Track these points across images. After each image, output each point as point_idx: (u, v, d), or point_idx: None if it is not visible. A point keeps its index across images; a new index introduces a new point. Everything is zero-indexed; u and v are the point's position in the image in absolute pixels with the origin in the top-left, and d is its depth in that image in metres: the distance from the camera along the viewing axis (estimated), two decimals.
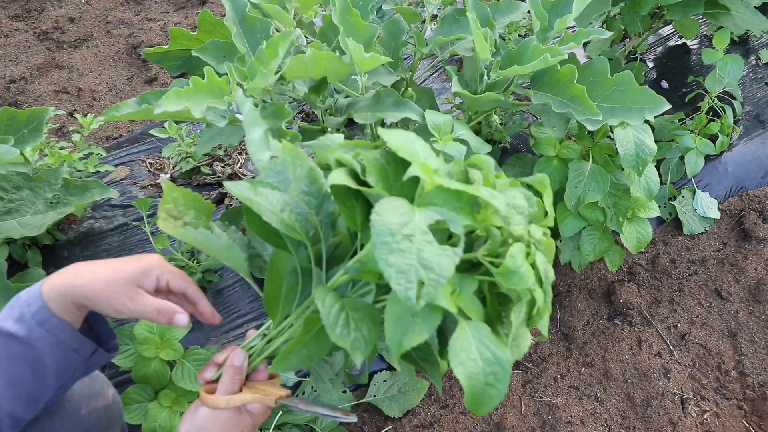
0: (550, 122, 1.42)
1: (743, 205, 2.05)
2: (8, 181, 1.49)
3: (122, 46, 2.57)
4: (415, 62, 1.52)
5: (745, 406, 1.60)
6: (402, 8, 1.51)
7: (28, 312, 0.76)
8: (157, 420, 1.30)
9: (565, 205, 1.49)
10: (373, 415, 1.54)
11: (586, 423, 1.55)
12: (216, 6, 2.76)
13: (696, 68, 2.33)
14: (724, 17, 1.82)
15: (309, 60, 1.08)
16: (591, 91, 1.31)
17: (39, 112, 1.46)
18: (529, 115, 2.10)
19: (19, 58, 2.46)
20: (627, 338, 1.71)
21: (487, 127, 1.85)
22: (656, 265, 1.89)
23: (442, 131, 1.18)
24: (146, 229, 1.56)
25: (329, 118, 1.35)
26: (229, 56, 1.30)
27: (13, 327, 0.75)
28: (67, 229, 1.74)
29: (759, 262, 1.90)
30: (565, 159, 1.51)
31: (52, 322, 0.76)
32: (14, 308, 0.77)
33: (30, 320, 0.76)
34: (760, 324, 1.76)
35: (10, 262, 1.50)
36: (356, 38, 1.23)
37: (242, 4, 1.25)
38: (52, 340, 0.76)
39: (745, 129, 2.17)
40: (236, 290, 1.66)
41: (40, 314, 0.76)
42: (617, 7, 1.95)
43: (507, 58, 1.32)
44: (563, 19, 1.28)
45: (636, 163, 1.38)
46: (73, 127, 2.07)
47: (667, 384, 1.62)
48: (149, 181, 1.90)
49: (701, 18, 2.35)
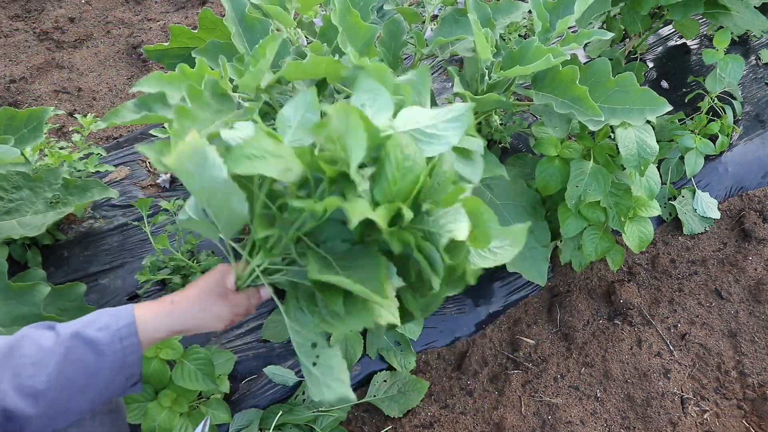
0: (551, 122, 1.42)
1: (743, 205, 2.06)
2: (8, 181, 1.49)
3: (122, 46, 2.56)
4: (416, 62, 1.52)
5: (745, 406, 1.60)
6: (402, 8, 1.51)
7: (116, 324, 0.80)
8: (156, 420, 1.30)
9: (566, 205, 1.49)
10: (373, 415, 1.54)
11: (586, 423, 1.55)
12: (216, 6, 2.76)
13: (696, 68, 2.33)
14: (724, 17, 1.82)
15: (308, 64, 1.08)
16: (593, 92, 1.31)
17: (39, 112, 1.45)
18: (529, 115, 2.10)
19: (19, 58, 2.46)
20: (627, 338, 1.71)
21: (488, 127, 1.85)
22: (656, 265, 1.89)
23: None
24: (146, 229, 1.56)
25: None
26: (229, 56, 1.30)
27: (95, 334, 0.79)
28: (67, 229, 1.74)
29: (759, 262, 1.90)
30: (567, 159, 1.51)
31: (132, 340, 0.80)
32: (99, 320, 0.81)
33: (114, 332, 0.80)
34: (760, 324, 1.77)
35: (10, 262, 1.50)
36: (356, 39, 1.23)
37: (242, 4, 1.24)
38: (120, 360, 0.80)
39: (745, 129, 2.17)
40: None
41: (127, 329, 0.80)
42: (617, 7, 1.95)
43: (508, 58, 1.32)
44: (565, 20, 1.28)
45: (638, 162, 1.38)
46: (73, 127, 2.07)
47: (667, 384, 1.62)
48: (149, 181, 1.90)
49: (701, 18, 2.35)
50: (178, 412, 1.33)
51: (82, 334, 0.78)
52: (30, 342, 0.77)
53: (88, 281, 1.63)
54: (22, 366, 0.75)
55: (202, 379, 1.32)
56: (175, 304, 0.86)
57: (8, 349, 0.76)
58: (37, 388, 0.75)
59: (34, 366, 0.76)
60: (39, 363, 0.76)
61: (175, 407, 1.33)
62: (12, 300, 1.25)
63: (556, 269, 1.85)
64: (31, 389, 0.75)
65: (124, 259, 1.70)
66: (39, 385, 0.75)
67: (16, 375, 0.75)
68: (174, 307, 0.85)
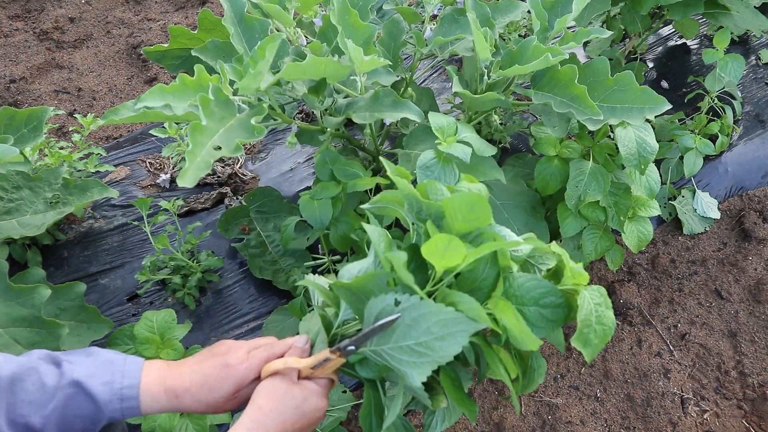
0: (550, 122, 1.42)
1: (743, 205, 2.05)
2: (8, 181, 1.49)
3: (122, 46, 2.57)
4: (415, 62, 1.52)
5: (745, 406, 1.60)
6: (402, 8, 1.51)
7: (119, 383, 0.78)
8: (157, 420, 1.30)
9: (565, 204, 1.49)
10: None
11: (586, 423, 1.55)
12: (216, 6, 2.76)
13: (696, 68, 2.32)
14: (724, 17, 1.82)
15: (307, 65, 1.08)
16: (592, 91, 1.31)
17: (39, 112, 1.45)
18: (529, 115, 2.09)
19: (19, 58, 2.46)
20: (627, 338, 1.71)
21: (487, 127, 1.85)
22: (656, 265, 1.89)
23: (446, 133, 1.18)
24: (146, 229, 1.56)
25: (328, 118, 1.35)
26: (229, 56, 1.30)
27: (97, 389, 0.77)
28: (67, 229, 1.74)
29: (759, 262, 1.90)
30: (566, 158, 1.51)
31: (132, 404, 0.79)
32: (105, 371, 0.79)
33: (116, 391, 0.78)
34: (760, 324, 1.76)
35: (10, 262, 1.50)
36: (355, 38, 1.23)
37: (241, 4, 1.24)
38: (119, 417, 0.79)
39: (745, 129, 2.17)
40: (236, 290, 1.66)
41: (129, 391, 0.78)
42: (617, 7, 1.95)
43: (507, 58, 1.32)
44: (563, 19, 1.28)
45: (638, 161, 1.38)
46: (73, 127, 2.07)
47: (667, 384, 1.62)
48: (149, 181, 1.90)
49: (701, 18, 2.35)
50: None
51: (84, 384, 0.77)
52: (35, 377, 0.76)
53: (88, 281, 1.63)
54: (20, 402, 0.75)
55: None
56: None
57: (11, 381, 0.76)
58: (30, 426, 0.75)
59: (31, 404, 0.75)
60: (37, 402, 0.75)
61: None
62: (12, 301, 1.25)
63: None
64: (24, 427, 0.74)
65: (124, 259, 1.70)
66: (33, 425, 0.75)
67: (12, 410, 0.74)
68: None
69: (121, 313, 1.60)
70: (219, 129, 0.99)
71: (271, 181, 1.93)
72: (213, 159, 0.94)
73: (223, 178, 1.89)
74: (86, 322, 1.39)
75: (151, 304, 1.62)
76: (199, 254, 1.64)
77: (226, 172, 1.91)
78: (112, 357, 0.81)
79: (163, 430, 1.30)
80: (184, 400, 0.80)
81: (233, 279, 1.68)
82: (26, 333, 1.23)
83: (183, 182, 0.89)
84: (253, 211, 1.69)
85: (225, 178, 1.90)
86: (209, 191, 1.86)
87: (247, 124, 1.03)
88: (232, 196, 1.83)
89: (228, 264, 1.70)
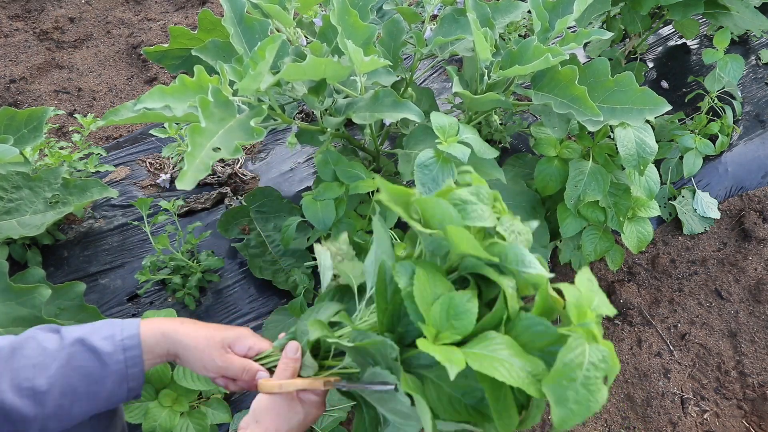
0: (550, 122, 1.42)
1: (743, 205, 2.05)
2: (8, 181, 1.49)
3: (122, 46, 2.57)
4: (415, 62, 1.52)
5: (745, 406, 1.60)
6: (402, 8, 1.51)
7: (120, 335, 0.81)
8: (157, 420, 1.30)
9: (565, 205, 1.49)
10: None
11: (586, 423, 1.55)
12: (216, 6, 2.76)
13: (696, 68, 2.32)
14: (724, 17, 1.82)
15: (307, 66, 1.08)
16: (592, 92, 1.31)
17: (39, 112, 1.45)
18: (528, 115, 2.10)
19: (19, 58, 2.46)
20: (627, 338, 1.71)
21: (487, 127, 1.86)
22: (656, 265, 1.89)
23: (447, 133, 1.18)
24: (146, 229, 1.56)
25: (328, 118, 1.35)
26: (229, 56, 1.30)
27: (99, 343, 0.79)
28: (67, 229, 1.74)
29: (759, 262, 1.90)
30: (566, 159, 1.51)
31: (135, 352, 0.81)
32: (104, 328, 0.82)
33: (118, 343, 0.80)
34: (760, 324, 1.76)
35: (10, 262, 1.50)
36: (355, 39, 1.23)
37: (240, 5, 1.24)
38: (124, 370, 0.80)
39: (745, 129, 2.17)
40: (236, 290, 1.66)
41: (130, 341, 0.81)
42: (617, 7, 1.95)
43: (508, 58, 1.32)
44: (564, 20, 1.28)
45: (637, 162, 1.38)
46: (73, 127, 2.07)
47: (667, 384, 1.62)
48: (149, 181, 1.90)
49: (701, 18, 2.35)
50: (179, 411, 1.33)
51: (86, 340, 0.79)
52: (34, 344, 0.78)
53: (88, 281, 1.63)
54: (23, 367, 0.76)
55: (203, 379, 1.32)
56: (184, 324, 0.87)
57: (11, 349, 0.77)
58: (36, 389, 0.75)
59: (35, 368, 0.76)
60: (40, 365, 0.76)
61: (176, 407, 1.33)
62: (12, 301, 1.25)
63: (556, 269, 1.85)
64: (30, 390, 0.75)
65: (124, 259, 1.70)
66: (39, 387, 0.75)
67: (15, 375, 0.75)
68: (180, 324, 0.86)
69: (121, 313, 1.60)
70: (218, 130, 0.99)
71: (271, 181, 1.93)
72: (212, 161, 0.95)
73: (223, 178, 1.89)
74: (86, 321, 1.38)
75: (151, 304, 1.62)
76: (199, 254, 1.64)
77: (226, 172, 1.91)
78: (108, 320, 0.85)
79: (164, 429, 1.30)
80: (185, 327, 0.85)
81: (233, 279, 1.68)
82: None
83: (182, 185, 0.90)
84: (253, 211, 1.69)
85: (225, 178, 1.90)
86: (209, 191, 1.86)
87: (247, 126, 1.03)
88: (232, 196, 1.83)
89: (228, 264, 1.70)
